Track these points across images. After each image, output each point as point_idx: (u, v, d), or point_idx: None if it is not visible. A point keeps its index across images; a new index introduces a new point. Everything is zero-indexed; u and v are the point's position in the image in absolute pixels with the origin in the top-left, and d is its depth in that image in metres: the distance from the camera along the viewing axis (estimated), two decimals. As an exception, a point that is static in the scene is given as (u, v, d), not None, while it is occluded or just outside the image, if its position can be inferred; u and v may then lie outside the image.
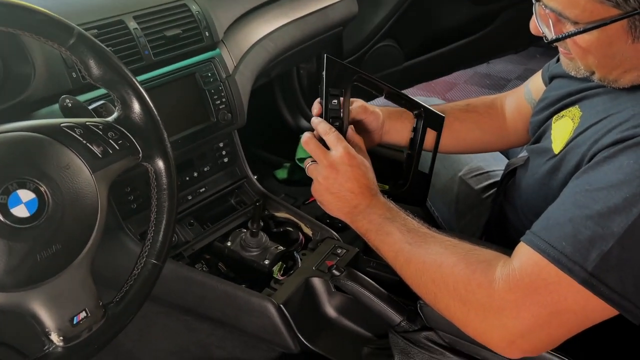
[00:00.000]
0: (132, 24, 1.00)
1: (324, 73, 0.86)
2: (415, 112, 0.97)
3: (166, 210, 0.75)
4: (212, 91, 1.11)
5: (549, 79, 0.99)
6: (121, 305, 0.70)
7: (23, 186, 0.60)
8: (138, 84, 0.73)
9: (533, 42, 2.47)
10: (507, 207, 1.08)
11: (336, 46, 1.75)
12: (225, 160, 1.21)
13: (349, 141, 0.85)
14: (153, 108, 0.74)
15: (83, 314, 0.65)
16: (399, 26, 1.99)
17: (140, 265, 0.73)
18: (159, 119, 0.75)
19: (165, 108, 1.05)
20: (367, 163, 0.84)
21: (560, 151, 0.82)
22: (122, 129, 0.72)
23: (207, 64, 1.11)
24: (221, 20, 1.16)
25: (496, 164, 1.28)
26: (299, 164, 1.77)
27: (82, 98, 0.91)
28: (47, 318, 0.62)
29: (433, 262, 0.74)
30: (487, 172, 1.25)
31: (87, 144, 0.67)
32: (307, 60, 1.91)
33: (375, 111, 0.98)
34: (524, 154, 1.26)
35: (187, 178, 1.14)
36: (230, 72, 1.16)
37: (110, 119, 0.72)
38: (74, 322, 0.65)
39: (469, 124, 1.09)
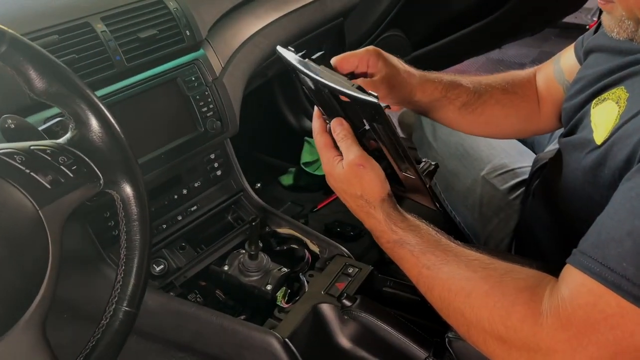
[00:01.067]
0: (100, 27, 0.87)
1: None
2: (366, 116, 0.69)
3: (138, 246, 0.63)
4: (198, 97, 0.99)
5: (585, 55, 0.85)
6: (86, 367, 0.58)
7: (-58, 235, 0.48)
8: (94, 96, 0.61)
9: (549, 23, 2.31)
10: (538, 209, 0.95)
11: (338, 39, 1.62)
12: (218, 173, 1.09)
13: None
14: (115, 124, 0.62)
15: (36, 384, 0.53)
16: (404, 14, 1.86)
17: (109, 313, 0.61)
18: (122, 136, 0.62)
19: (144, 120, 0.93)
20: (373, 174, 0.71)
21: (605, 142, 0.69)
22: (76, 151, 0.59)
23: (190, 67, 0.99)
24: (204, 17, 1.04)
25: (522, 160, 1.14)
26: (305, 169, 1.68)
27: (41, 116, 0.79)
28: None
29: (460, 290, 0.62)
30: (513, 169, 1.12)
31: (31, 174, 0.55)
32: (308, 56, 1.79)
33: (388, 59, 0.83)
34: (553, 146, 1.13)
35: (176, 196, 1.02)
36: (218, 75, 1.03)
37: (61, 140, 0.60)
38: (25, 396, 0.52)
39: (509, 109, 0.96)
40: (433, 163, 0.72)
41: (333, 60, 0.78)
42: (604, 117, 0.71)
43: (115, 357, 0.61)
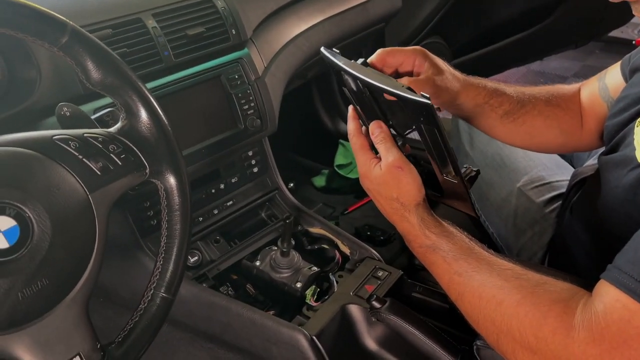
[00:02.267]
0: (151, 22, 0.90)
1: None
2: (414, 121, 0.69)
3: (178, 235, 0.65)
4: (240, 95, 1.01)
5: (631, 73, 0.83)
6: (123, 347, 0.60)
7: (2, 212, 0.51)
8: (145, 89, 0.63)
9: (594, 36, 2.26)
10: (575, 225, 0.93)
11: (378, 44, 1.62)
12: (255, 170, 1.11)
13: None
14: (163, 116, 0.64)
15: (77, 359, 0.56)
16: (446, 21, 1.84)
17: (147, 298, 0.63)
18: (169, 128, 0.65)
19: (187, 114, 0.96)
20: (409, 178, 0.71)
21: None
22: (126, 140, 0.62)
23: (234, 65, 1.01)
24: (250, 17, 1.06)
25: (560, 174, 1.12)
26: (338, 171, 1.69)
27: (92, 106, 0.82)
28: (33, 365, 0.53)
29: (491, 298, 0.61)
30: (550, 182, 1.10)
31: (84, 160, 0.58)
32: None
33: (434, 61, 0.83)
34: (592, 161, 1.11)
35: (213, 190, 1.05)
36: (260, 74, 1.05)
37: (112, 129, 0.62)
38: (66, 370, 0.55)
39: (552, 121, 0.94)
40: (475, 169, 0.72)
41: (380, 52, 0.78)
42: None
43: (151, 341, 0.63)
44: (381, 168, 0.70)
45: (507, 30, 2.01)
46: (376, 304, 0.80)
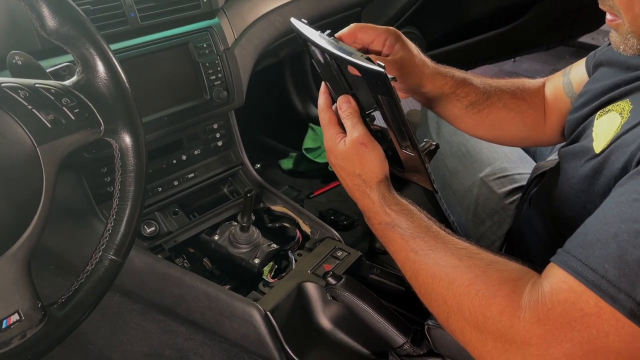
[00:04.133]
0: (118, -19, 0.87)
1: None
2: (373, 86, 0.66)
3: (131, 197, 0.63)
4: (207, 64, 0.98)
5: (594, 68, 0.84)
6: (66, 308, 0.58)
7: (-61, 156, 0.48)
8: (104, 42, 0.61)
9: (565, 40, 2.31)
10: (532, 216, 0.95)
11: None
12: (219, 143, 1.08)
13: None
14: (122, 72, 0.62)
15: (15, 317, 0.54)
16: (423, 12, 1.84)
17: (95, 260, 0.61)
18: (128, 86, 0.62)
19: (151, 80, 0.93)
20: (378, 151, 0.70)
21: (603, 150, 0.68)
22: (80, 95, 0.59)
23: (203, 34, 0.99)
24: (223, -14, 1.03)
25: (523, 166, 1.14)
26: (306, 155, 1.68)
27: (51, 62, 0.79)
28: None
29: (444, 277, 0.62)
30: (512, 174, 1.12)
31: (33, 110, 0.55)
32: (322, 44, 1.78)
33: (407, 45, 0.82)
34: (554, 156, 1.13)
35: (175, 161, 1.02)
36: (230, 45, 1.03)
37: (67, 82, 0.60)
38: (3, 326, 0.53)
39: (515, 114, 0.95)
40: (434, 143, 0.72)
41: (352, 26, 0.77)
42: (606, 127, 0.71)
43: (96, 304, 0.61)
44: (345, 144, 0.70)
45: (482, 27, 2.03)
46: (331, 280, 0.80)
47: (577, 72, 0.93)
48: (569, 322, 0.52)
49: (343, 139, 0.70)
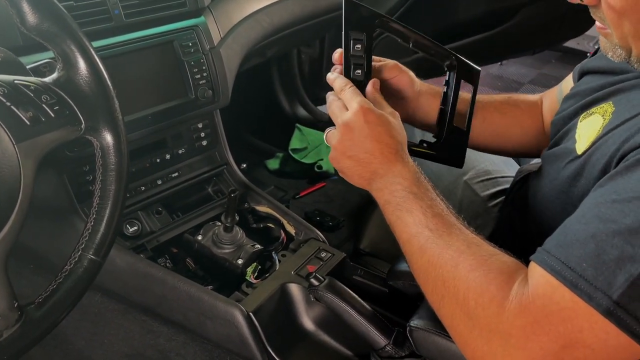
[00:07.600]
0: (102, -23, 0.86)
1: (343, 16, 0.76)
2: (447, 62, 0.87)
3: (112, 195, 0.62)
4: (192, 63, 0.98)
5: (580, 76, 0.86)
6: (44, 308, 0.57)
7: None
8: (85, 40, 0.60)
9: (551, 44, 2.33)
10: (514, 218, 0.96)
11: (340, 30, 1.61)
12: (204, 143, 1.08)
13: (368, 97, 0.73)
14: (103, 70, 0.61)
15: (-10, 317, 0.53)
16: (410, 15, 1.85)
17: (74, 259, 0.60)
18: (109, 83, 0.62)
19: (135, 78, 0.92)
20: (390, 119, 0.70)
21: (585, 152, 0.69)
22: (61, 92, 0.59)
23: (188, 32, 0.98)
24: (209, -15, 1.03)
25: (507, 169, 1.15)
26: (293, 155, 1.68)
27: (31, 59, 0.78)
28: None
29: (450, 259, 0.62)
30: (496, 177, 1.12)
31: (12, 107, 0.54)
32: (310, 44, 1.78)
33: (410, 74, 0.87)
34: (538, 160, 1.14)
35: (158, 160, 1.01)
36: (215, 44, 1.02)
37: (47, 79, 0.59)
38: (-23, 327, 0.52)
39: (510, 119, 0.96)
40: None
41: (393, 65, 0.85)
42: (588, 129, 0.72)
43: (74, 304, 0.61)
44: (376, 114, 0.69)
45: (468, 30, 2.04)
46: (314, 282, 0.80)
47: (567, 82, 0.95)
48: (547, 315, 0.54)
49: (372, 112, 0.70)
